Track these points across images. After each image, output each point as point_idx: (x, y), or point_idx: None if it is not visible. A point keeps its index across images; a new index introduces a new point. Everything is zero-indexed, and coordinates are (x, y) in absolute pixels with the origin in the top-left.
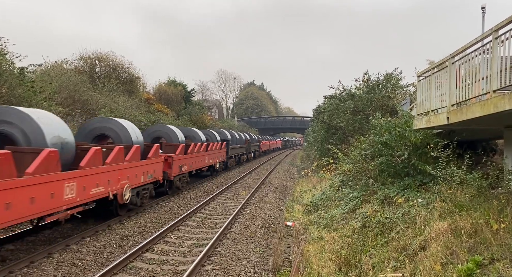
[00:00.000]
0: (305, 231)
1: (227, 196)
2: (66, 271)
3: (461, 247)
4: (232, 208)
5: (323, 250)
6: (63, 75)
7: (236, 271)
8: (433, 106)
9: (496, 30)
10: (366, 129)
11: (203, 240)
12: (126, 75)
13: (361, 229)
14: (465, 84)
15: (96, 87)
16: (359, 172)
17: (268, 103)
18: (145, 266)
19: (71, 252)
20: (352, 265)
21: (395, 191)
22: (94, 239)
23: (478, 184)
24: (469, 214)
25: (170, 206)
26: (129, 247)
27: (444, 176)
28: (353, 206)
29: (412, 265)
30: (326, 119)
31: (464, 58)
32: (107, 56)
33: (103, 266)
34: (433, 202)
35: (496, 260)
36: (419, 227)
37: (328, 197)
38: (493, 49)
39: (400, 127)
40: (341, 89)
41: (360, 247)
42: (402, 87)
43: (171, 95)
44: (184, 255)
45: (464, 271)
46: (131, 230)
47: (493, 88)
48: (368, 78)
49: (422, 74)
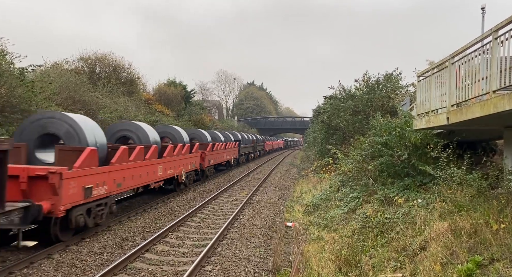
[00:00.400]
0: (305, 232)
1: (227, 195)
2: (66, 271)
3: (461, 247)
4: (232, 208)
5: (323, 251)
6: (63, 75)
7: (236, 271)
8: (433, 106)
9: (496, 30)
10: (366, 129)
11: (203, 240)
12: (126, 76)
13: (361, 230)
14: (465, 85)
15: (96, 87)
16: (359, 172)
17: (268, 103)
18: (145, 267)
19: (71, 253)
20: (352, 265)
21: (395, 191)
22: (94, 239)
23: (478, 184)
24: (469, 214)
25: (170, 207)
26: (129, 247)
27: (444, 176)
28: (353, 206)
29: (412, 266)
30: (326, 119)
31: (464, 58)
32: (107, 56)
33: (103, 266)
34: (433, 202)
35: (496, 260)
36: (419, 228)
37: (328, 197)
38: (493, 49)
39: (400, 128)
40: (341, 89)
41: (360, 247)
42: (402, 87)
43: (171, 96)
44: (184, 255)
45: (464, 271)
46: (131, 231)
47: (493, 89)
48: (368, 78)
49: (422, 74)
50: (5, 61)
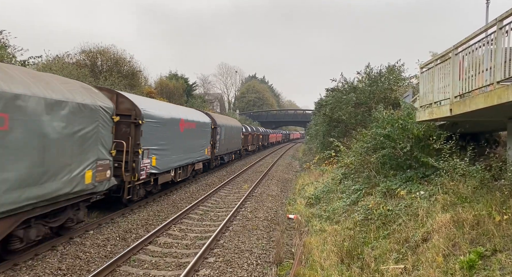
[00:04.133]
0: (307, 224)
1: (229, 188)
2: (70, 263)
3: (463, 238)
4: (234, 201)
5: (325, 243)
6: (65, 69)
7: (238, 263)
8: (436, 98)
9: (500, 20)
10: (368, 121)
11: (205, 232)
12: (128, 69)
13: (363, 222)
14: (468, 76)
15: (98, 81)
16: (361, 165)
17: (269, 96)
18: (148, 259)
19: (75, 245)
20: (354, 257)
21: (397, 183)
22: (98, 232)
23: (481, 176)
24: (472, 206)
25: (173, 199)
26: (132, 239)
27: (446, 168)
28: (355, 198)
29: (414, 257)
30: (328, 112)
31: (468, 49)
32: (108, 49)
33: (106, 258)
34: (435, 194)
35: (499, 252)
36: (421, 219)
37: (330, 190)
38: (497, 40)
39: (403, 120)
40: (343, 82)
41: (362, 239)
42: (405, 79)
43: (173, 89)
44: (187, 247)
45: (466, 262)
46: (134, 223)
47: (496, 79)
48: (370, 70)
49: (425, 65)
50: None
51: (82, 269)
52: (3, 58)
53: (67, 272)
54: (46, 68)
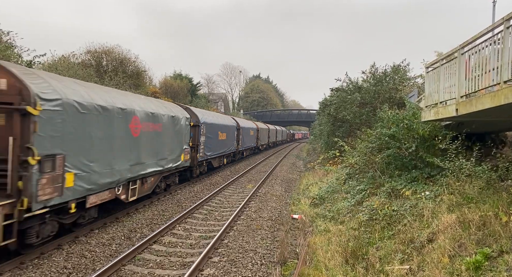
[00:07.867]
0: (312, 224)
1: (233, 188)
2: (75, 262)
3: (469, 239)
4: (238, 200)
5: (330, 243)
6: (70, 69)
7: (243, 263)
8: (442, 98)
9: (507, 19)
10: (373, 121)
11: (210, 232)
12: (133, 69)
13: (368, 222)
14: (474, 76)
15: (103, 80)
16: (366, 165)
17: (274, 96)
18: (153, 258)
19: (80, 244)
20: (359, 257)
21: (402, 183)
22: (103, 231)
23: (487, 176)
24: (478, 206)
25: (177, 199)
26: (137, 239)
27: (452, 168)
28: (360, 198)
29: (420, 258)
30: (332, 112)
31: (474, 48)
32: (113, 49)
33: (111, 257)
34: (441, 194)
35: (505, 253)
36: (427, 220)
37: (334, 190)
38: (504, 39)
39: (408, 119)
40: (348, 81)
41: (367, 239)
42: (410, 79)
43: (177, 89)
44: (192, 247)
45: (472, 263)
46: (138, 222)
47: (503, 79)
48: (375, 70)
49: (431, 65)
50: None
51: (88, 268)
52: (10, 59)
53: (72, 271)
54: (52, 68)
